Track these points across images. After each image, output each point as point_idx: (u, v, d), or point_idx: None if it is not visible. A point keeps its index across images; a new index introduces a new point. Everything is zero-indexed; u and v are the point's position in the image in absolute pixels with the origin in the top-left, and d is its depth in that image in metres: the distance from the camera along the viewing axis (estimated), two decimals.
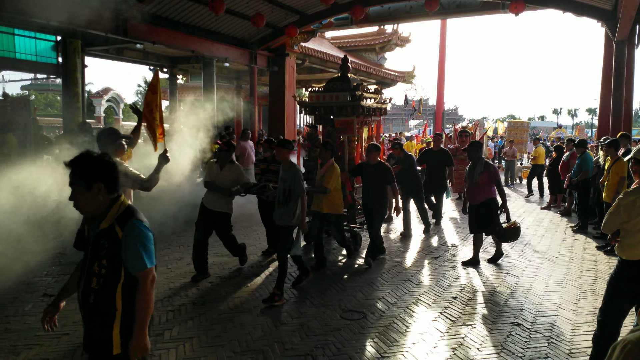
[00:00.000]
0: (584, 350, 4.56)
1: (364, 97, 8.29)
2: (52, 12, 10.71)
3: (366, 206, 7.47)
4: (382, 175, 7.27)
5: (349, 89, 8.23)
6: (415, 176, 9.51)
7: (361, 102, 8.10)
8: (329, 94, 8.40)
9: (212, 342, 4.58)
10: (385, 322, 5.11)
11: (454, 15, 16.07)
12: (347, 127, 8.40)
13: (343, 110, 8.24)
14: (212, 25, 15.34)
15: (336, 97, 8.29)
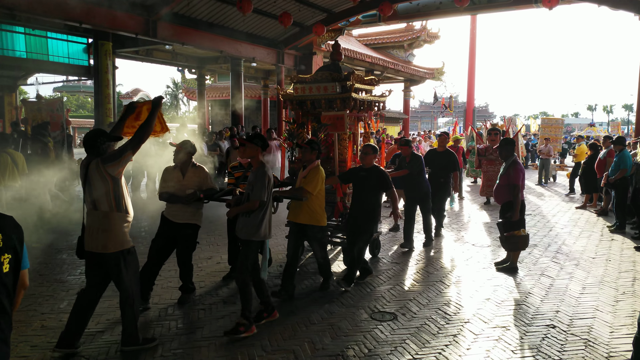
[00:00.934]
0: (623, 353, 4.42)
1: (357, 88, 7.15)
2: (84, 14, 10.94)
3: (352, 218, 6.34)
4: (375, 181, 6.18)
5: (338, 79, 7.04)
6: (422, 181, 8.19)
7: (352, 94, 6.94)
8: (315, 85, 7.19)
9: (242, 341, 4.58)
10: (417, 324, 5.03)
11: (485, 11, 15.82)
12: (337, 124, 7.09)
13: (332, 104, 7.10)
14: (240, 26, 15.44)
15: (324, 88, 7.11)
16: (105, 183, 4.02)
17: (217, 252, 7.85)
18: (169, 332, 4.79)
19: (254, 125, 19.21)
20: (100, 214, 4.08)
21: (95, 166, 4.03)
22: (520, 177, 6.71)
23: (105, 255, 4.14)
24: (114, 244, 4.12)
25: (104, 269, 4.26)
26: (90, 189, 4.04)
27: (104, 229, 4.08)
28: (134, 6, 12.27)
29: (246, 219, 4.77)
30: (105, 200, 4.05)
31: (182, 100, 61.83)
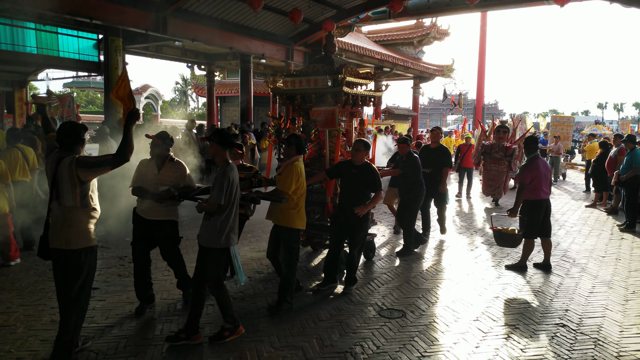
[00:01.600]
0: (633, 353, 4.40)
1: (350, 82, 6.73)
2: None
3: (343, 217, 5.86)
4: (366, 179, 5.75)
5: (329, 72, 6.62)
6: (415, 182, 7.60)
7: (344, 88, 6.49)
8: (306, 78, 6.78)
9: (251, 337, 4.60)
10: (425, 321, 5.02)
11: (496, 8, 15.70)
12: (328, 119, 6.67)
13: (323, 98, 6.70)
14: (250, 22, 15.44)
15: (314, 81, 6.70)
16: (73, 183, 3.85)
17: None
18: (177, 328, 4.81)
19: (262, 121, 19.22)
20: (64, 209, 3.90)
21: (68, 165, 3.83)
22: (529, 176, 6.68)
23: (67, 251, 3.91)
24: (76, 240, 3.92)
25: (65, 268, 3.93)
26: (57, 185, 3.87)
27: (69, 224, 3.90)
28: (144, 2, 12.29)
29: (206, 222, 4.44)
30: (71, 197, 3.87)
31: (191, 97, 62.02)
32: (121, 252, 7.47)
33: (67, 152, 3.94)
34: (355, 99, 6.97)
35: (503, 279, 6.44)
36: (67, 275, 3.93)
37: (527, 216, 6.76)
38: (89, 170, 3.86)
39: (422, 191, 7.70)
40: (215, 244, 4.43)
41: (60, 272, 3.96)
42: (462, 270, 6.82)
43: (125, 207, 5.69)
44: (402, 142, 7.97)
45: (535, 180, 6.70)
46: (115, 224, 6.41)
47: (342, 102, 6.64)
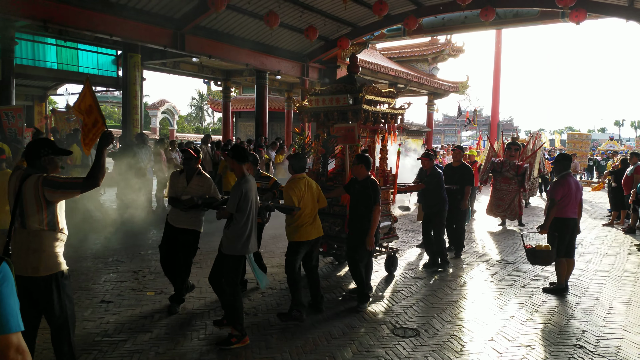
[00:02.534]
0: None
1: (370, 100, 7.00)
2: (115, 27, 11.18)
3: (351, 232, 6.04)
4: (367, 194, 5.82)
5: (350, 91, 6.93)
6: (438, 197, 7.72)
7: (364, 106, 6.78)
8: (329, 97, 7.17)
9: (263, 353, 4.59)
10: (439, 341, 4.97)
11: (511, 25, 15.76)
12: (348, 135, 6.96)
13: (345, 116, 7.11)
14: (266, 39, 15.64)
15: (337, 100, 7.07)
16: (39, 203, 3.54)
17: None
18: (190, 342, 4.82)
19: (277, 137, 19.34)
20: (29, 233, 3.57)
21: (34, 183, 3.54)
22: (560, 192, 6.56)
23: (35, 279, 3.58)
24: (45, 266, 3.58)
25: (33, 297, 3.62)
26: (21, 205, 3.55)
27: (35, 249, 3.57)
28: (163, 19, 12.53)
29: (226, 231, 4.80)
30: (37, 219, 3.56)
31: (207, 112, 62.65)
32: (136, 265, 7.53)
33: (32, 170, 3.66)
34: (376, 117, 7.17)
35: (518, 298, 6.36)
36: (40, 305, 3.63)
37: (558, 234, 6.63)
38: (57, 192, 3.56)
39: (445, 206, 7.81)
40: (232, 251, 4.76)
41: (28, 301, 3.54)
42: (476, 289, 6.76)
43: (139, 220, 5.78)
44: (425, 157, 8.10)
45: (565, 197, 6.60)
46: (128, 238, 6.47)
47: (362, 119, 6.91)
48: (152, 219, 10.73)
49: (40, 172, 3.64)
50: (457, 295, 6.47)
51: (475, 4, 12.46)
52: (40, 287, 3.60)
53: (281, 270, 7.46)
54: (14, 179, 3.69)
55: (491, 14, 12.85)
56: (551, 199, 6.63)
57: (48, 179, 3.57)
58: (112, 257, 8.01)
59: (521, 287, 6.85)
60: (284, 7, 13.16)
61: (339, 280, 7.07)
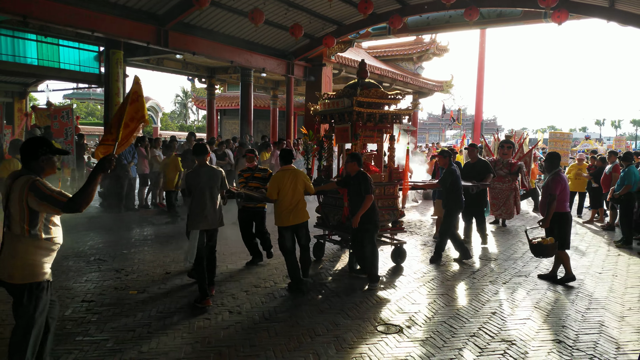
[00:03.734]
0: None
1: (368, 102, 7.34)
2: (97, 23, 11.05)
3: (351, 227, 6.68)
4: (359, 187, 6.49)
5: (347, 94, 7.41)
6: (452, 195, 7.97)
7: (356, 108, 7.16)
8: (335, 100, 7.75)
9: (247, 351, 4.59)
10: (422, 336, 5.01)
11: (494, 25, 15.88)
12: (344, 135, 7.64)
13: (343, 117, 7.64)
14: (251, 36, 15.58)
15: (338, 103, 7.64)
16: (22, 207, 3.38)
17: (222, 261, 7.86)
18: (173, 341, 4.80)
19: (262, 135, 19.30)
20: (12, 237, 3.44)
21: (22, 184, 3.39)
22: (558, 187, 6.86)
23: (9, 285, 3.47)
24: (20, 275, 3.43)
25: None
26: (8, 207, 3.42)
27: (13, 254, 3.42)
28: (146, 15, 12.42)
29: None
30: (19, 223, 3.40)
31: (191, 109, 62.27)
32: (118, 264, 7.47)
33: (26, 170, 3.49)
34: (377, 117, 7.50)
35: (500, 294, 6.43)
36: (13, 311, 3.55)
37: (557, 228, 6.92)
38: (41, 202, 3.37)
39: (458, 203, 8.01)
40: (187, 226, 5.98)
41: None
42: (459, 286, 6.82)
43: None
44: (440, 155, 8.48)
45: (562, 192, 6.89)
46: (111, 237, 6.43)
47: (354, 120, 7.34)
48: (136, 218, 10.64)
49: (34, 173, 3.48)
50: (439, 291, 6.53)
51: (459, 4, 12.54)
52: (15, 294, 3.49)
53: (266, 269, 7.48)
54: (8, 178, 3.57)
55: (475, 14, 12.95)
56: (551, 194, 6.85)
57: (36, 184, 3.38)
58: (94, 255, 7.94)
59: (503, 283, 6.93)
60: (268, 4, 13.12)
61: (322, 278, 7.08)
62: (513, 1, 13.53)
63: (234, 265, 7.65)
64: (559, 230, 6.93)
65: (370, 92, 7.44)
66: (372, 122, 7.49)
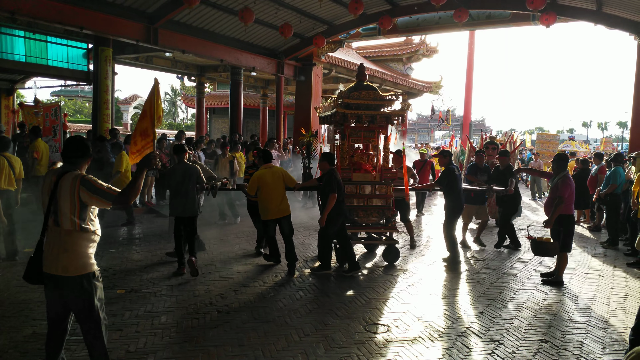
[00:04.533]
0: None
1: (352, 104, 7.59)
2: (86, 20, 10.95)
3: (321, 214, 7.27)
4: (324, 183, 7.06)
5: (339, 96, 7.73)
6: (450, 197, 8.03)
7: (337, 109, 7.50)
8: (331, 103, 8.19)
9: (236, 351, 4.58)
10: (410, 336, 5.04)
11: (483, 27, 15.99)
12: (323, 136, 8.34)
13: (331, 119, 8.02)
14: (241, 35, 15.53)
15: (329, 105, 8.15)
16: (74, 202, 3.50)
17: (211, 261, 7.84)
18: (161, 340, 4.78)
19: (252, 134, 19.25)
20: (62, 232, 3.53)
21: (72, 182, 3.50)
22: (567, 190, 6.87)
23: (64, 278, 3.54)
24: (75, 267, 3.54)
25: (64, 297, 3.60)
26: (55, 202, 3.53)
27: (66, 248, 3.53)
28: (135, 13, 12.33)
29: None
30: (70, 218, 3.51)
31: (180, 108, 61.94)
32: (106, 263, 7.43)
33: (71, 167, 3.65)
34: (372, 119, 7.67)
35: (488, 294, 6.48)
36: (69, 305, 3.61)
37: (563, 230, 6.97)
38: (93, 195, 3.51)
39: (457, 205, 8.01)
40: None
41: (56, 299, 3.61)
42: (447, 286, 6.86)
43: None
44: (439, 155, 8.72)
45: (570, 195, 6.92)
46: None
47: (336, 121, 7.65)
48: (123, 216, 10.57)
49: (78, 169, 3.65)
50: (428, 291, 6.56)
51: (449, 5, 12.58)
52: (70, 287, 3.56)
53: (254, 267, 7.47)
54: (49, 174, 3.69)
55: (464, 15, 13.01)
56: (560, 196, 6.83)
57: (87, 179, 3.53)
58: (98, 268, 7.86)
59: (490, 283, 6.98)
60: (259, 3, 13.08)
61: (311, 278, 7.09)
62: (502, 3, 13.60)
63: (222, 265, 7.63)
64: (565, 232, 6.98)
65: (362, 95, 7.60)
66: (364, 123, 7.69)
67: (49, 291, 3.62)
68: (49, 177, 3.68)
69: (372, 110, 7.69)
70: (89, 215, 3.60)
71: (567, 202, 6.92)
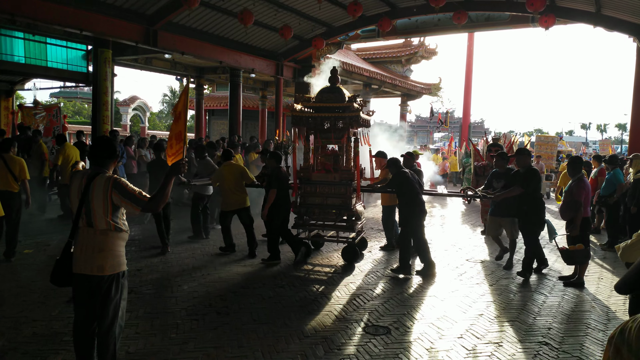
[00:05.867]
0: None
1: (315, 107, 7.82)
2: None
3: None
4: (268, 180, 7.88)
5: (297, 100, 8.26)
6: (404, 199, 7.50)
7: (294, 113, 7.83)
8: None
9: (235, 352, 4.58)
10: (410, 338, 5.04)
11: (482, 29, 16.02)
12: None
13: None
14: (240, 37, 15.54)
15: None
16: (106, 204, 3.57)
17: (210, 262, 7.84)
18: (161, 341, 4.77)
19: (251, 135, 19.25)
20: (96, 232, 3.61)
21: (104, 184, 3.57)
22: (582, 194, 6.87)
23: (98, 277, 3.60)
24: (111, 265, 3.63)
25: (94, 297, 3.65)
26: (87, 203, 3.58)
27: (101, 248, 3.60)
28: (135, 15, 12.34)
29: None
30: (104, 219, 3.60)
31: None
32: None
33: (100, 169, 3.70)
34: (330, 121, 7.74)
35: (487, 296, 6.48)
36: (98, 304, 3.64)
37: (580, 233, 6.97)
38: (124, 199, 3.57)
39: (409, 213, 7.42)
40: None
41: (88, 300, 3.63)
42: (446, 288, 6.86)
43: None
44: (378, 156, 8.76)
45: (586, 198, 6.94)
46: None
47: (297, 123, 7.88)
48: None
49: (107, 170, 3.72)
50: (427, 293, 6.56)
51: (448, 7, 12.62)
52: (103, 286, 3.63)
53: (253, 269, 7.46)
54: (78, 176, 3.73)
55: (464, 17, 13.03)
56: (577, 200, 6.82)
57: (119, 182, 3.60)
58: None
59: (489, 285, 6.99)
60: (258, 5, 13.10)
61: (312, 279, 7.09)
62: (501, 5, 13.63)
63: (222, 266, 7.63)
64: (582, 235, 6.99)
65: (323, 97, 7.84)
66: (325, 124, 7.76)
67: (80, 292, 3.67)
68: (78, 180, 3.71)
69: (335, 112, 7.69)
70: (121, 215, 3.71)
71: (584, 205, 6.94)
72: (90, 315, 3.66)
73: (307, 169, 8.03)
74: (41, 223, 10.17)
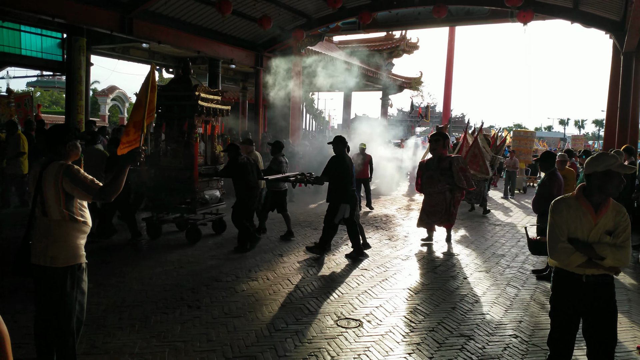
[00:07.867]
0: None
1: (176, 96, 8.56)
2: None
3: None
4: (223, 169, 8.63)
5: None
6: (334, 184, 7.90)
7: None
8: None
9: (205, 346, 4.51)
10: (381, 331, 5.02)
11: (462, 23, 16.06)
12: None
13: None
14: (219, 27, 15.35)
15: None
16: (58, 193, 3.44)
17: (184, 254, 7.74)
18: (128, 335, 4.68)
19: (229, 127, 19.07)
20: (50, 222, 3.49)
21: (55, 172, 3.43)
22: (555, 187, 6.88)
23: (52, 269, 3.47)
24: (64, 257, 3.49)
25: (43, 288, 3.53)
26: (41, 193, 3.47)
27: (55, 239, 3.47)
28: (109, 2, 12.08)
29: None
30: (57, 208, 3.46)
31: None
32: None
33: (53, 156, 3.57)
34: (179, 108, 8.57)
35: (460, 290, 6.50)
36: (52, 297, 3.50)
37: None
38: (75, 187, 3.43)
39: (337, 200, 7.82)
40: None
41: (46, 293, 3.51)
42: (419, 281, 6.86)
43: None
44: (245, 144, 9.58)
45: (558, 191, 6.91)
46: None
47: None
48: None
49: (63, 159, 3.57)
50: (400, 286, 6.56)
51: (428, 0, 12.62)
52: (58, 279, 3.49)
53: (227, 262, 7.38)
54: (35, 165, 3.63)
55: (443, 11, 13.04)
56: (551, 193, 6.83)
57: (70, 169, 3.46)
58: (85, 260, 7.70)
59: (463, 279, 7.01)
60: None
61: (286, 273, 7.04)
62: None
63: (195, 259, 7.54)
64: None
65: (172, 87, 8.68)
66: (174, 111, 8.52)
67: (37, 284, 3.55)
68: (33, 169, 3.64)
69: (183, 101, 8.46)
70: (77, 205, 3.56)
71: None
72: (48, 308, 3.53)
73: (155, 156, 8.68)
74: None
